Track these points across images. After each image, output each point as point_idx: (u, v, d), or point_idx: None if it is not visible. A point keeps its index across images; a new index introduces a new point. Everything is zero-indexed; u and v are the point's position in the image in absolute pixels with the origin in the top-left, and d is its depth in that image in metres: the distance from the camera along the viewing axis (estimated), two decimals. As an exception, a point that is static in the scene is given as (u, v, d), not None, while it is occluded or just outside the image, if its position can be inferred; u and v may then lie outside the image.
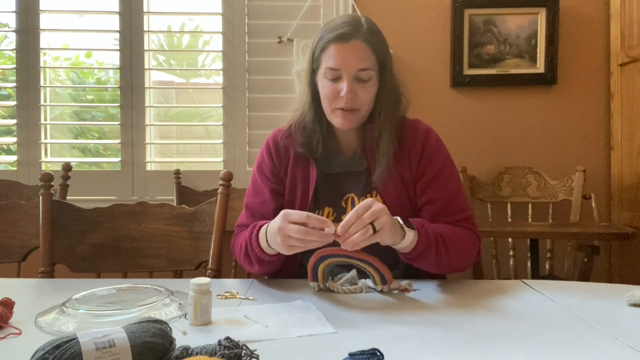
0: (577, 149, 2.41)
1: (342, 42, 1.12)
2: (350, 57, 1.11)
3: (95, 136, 2.64)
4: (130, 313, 0.87)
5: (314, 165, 1.21)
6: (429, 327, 0.85)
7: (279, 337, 0.81)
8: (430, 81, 2.40)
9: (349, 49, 1.11)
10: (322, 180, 1.22)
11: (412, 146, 1.20)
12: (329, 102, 1.16)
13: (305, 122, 1.22)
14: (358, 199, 1.20)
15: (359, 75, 1.13)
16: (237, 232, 1.26)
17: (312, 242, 0.96)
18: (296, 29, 2.36)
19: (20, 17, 2.37)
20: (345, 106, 1.13)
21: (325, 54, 1.14)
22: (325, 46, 1.14)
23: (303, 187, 1.22)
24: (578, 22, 2.39)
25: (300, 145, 1.21)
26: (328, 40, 1.13)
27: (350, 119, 1.15)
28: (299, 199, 1.21)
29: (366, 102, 1.16)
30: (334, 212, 1.20)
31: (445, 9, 2.39)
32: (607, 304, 0.97)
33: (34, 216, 1.59)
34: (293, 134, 1.22)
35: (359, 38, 1.12)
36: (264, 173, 1.26)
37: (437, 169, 1.19)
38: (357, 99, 1.13)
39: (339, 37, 1.12)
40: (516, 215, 2.33)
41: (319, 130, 1.20)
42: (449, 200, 1.17)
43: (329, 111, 1.17)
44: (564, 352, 0.75)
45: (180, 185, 2.33)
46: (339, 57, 1.12)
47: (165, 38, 2.55)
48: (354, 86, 1.12)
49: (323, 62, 1.15)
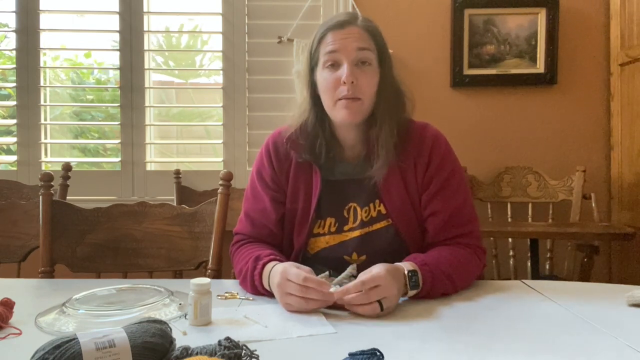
0: (577, 149, 2.41)
1: (340, 28, 1.11)
2: (349, 39, 1.09)
3: (95, 136, 2.64)
4: (130, 313, 0.87)
5: (317, 173, 1.16)
6: (429, 327, 0.85)
7: (279, 337, 0.81)
8: (430, 81, 2.40)
9: (347, 32, 1.10)
10: (325, 189, 1.17)
11: (419, 154, 1.14)
12: (330, 93, 1.11)
13: (307, 127, 1.17)
14: (361, 209, 1.16)
15: (359, 56, 1.09)
16: (236, 241, 1.21)
17: (311, 300, 0.92)
18: (296, 29, 2.36)
19: (20, 17, 2.37)
20: (348, 94, 1.08)
21: (322, 43, 1.12)
22: (323, 35, 1.12)
23: (305, 196, 1.17)
24: (578, 22, 2.39)
25: (304, 152, 1.17)
26: (325, 29, 1.12)
27: (353, 109, 1.10)
28: (301, 209, 1.17)
29: (368, 90, 1.11)
30: (336, 222, 1.16)
31: (445, 9, 2.40)
32: (607, 304, 0.97)
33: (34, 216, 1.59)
34: (296, 139, 1.18)
35: (356, 25, 1.11)
36: (264, 180, 1.20)
37: (444, 179, 1.13)
38: (358, 87, 1.09)
39: (336, 24, 1.11)
40: (516, 215, 2.33)
41: (322, 135, 1.16)
42: (455, 212, 1.12)
43: (330, 105, 1.12)
44: (564, 352, 0.75)
45: (180, 185, 2.33)
46: (337, 40, 1.10)
47: (164, 38, 2.55)
48: (354, 71, 1.09)
49: (321, 52, 1.12)
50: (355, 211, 1.16)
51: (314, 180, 1.17)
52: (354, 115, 1.11)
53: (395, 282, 0.94)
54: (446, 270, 1.02)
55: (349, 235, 1.15)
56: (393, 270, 0.95)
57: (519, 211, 2.33)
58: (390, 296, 0.91)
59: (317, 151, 1.16)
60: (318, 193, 1.15)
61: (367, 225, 1.15)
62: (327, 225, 1.17)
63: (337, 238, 1.16)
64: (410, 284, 0.97)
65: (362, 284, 0.90)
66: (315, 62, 1.15)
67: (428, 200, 1.14)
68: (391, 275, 0.93)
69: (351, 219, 1.16)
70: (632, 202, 2.23)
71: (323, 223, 1.17)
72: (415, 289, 0.98)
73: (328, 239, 1.16)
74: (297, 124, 1.18)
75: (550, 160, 2.41)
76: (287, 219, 1.19)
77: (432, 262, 1.02)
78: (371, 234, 1.14)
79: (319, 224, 1.17)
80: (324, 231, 1.17)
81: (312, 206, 1.16)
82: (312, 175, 1.17)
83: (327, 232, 1.16)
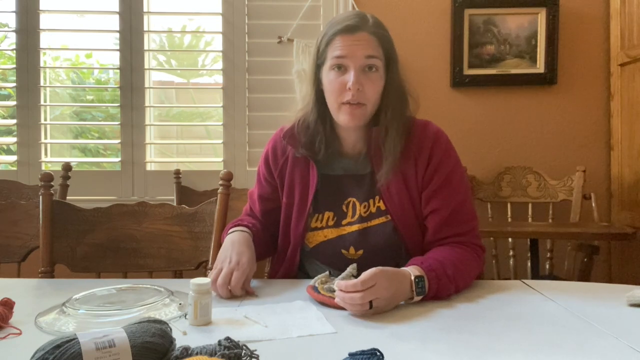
0: (577, 149, 2.41)
1: (349, 33, 1.09)
2: (358, 45, 1.09)
3: (95, 136, 2.64)
4: (130, 313, 0.87)
5: (314, 167, 1.18)
6: (428, 327, 0.85)
7: (279, 337, 0.81)
8: (430, 81, 2.40)
9: (356, 39, 1.09)
10: (323, 183, 1.18)
11: (420, 152, 1.15)
12: (335, 96, 1.12)
13: (308, 122, 1.18)
14: (360, 204, 1.16)
15: (366, 63, 1.10)
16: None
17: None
18: (296, 29, 2.36)
19: (20, 17, 2.37)
20: (352, 99, 1.09)
21: (331, 46, 1.11)
22: (331, 39, 1.11)
23: (302, 190, 1.19)
24: (578, 22, 2.39)
25: (302, 147, 1.18)
26: (334, 32, 1.11)
27: (356, 115, 1.11)
28: (297, 202, 1.19)
29: (372, 96, 1.12)
30: (334, 216, 1.18)
31: (445, 9, 2.40)
32: (607, 304, 0.97)
33: (34, 216, 1.59)
34: (296, 134, 1.19)
35: (366, 30, 1.10)
36: (259, 175, 1.28)
37: (444, 176, 1.14)
38: (363, 93, 1.10)
39: (345, 28, 1.10)
40: (516, 215, 2.33)
41: (322, 131, 1.17)
42: (455, 210, 1.13)
43: (334, 107, 1.14)
44: (564, 352, 0.75)
45: (180, 185, 2.33)
46: (346, 46, 1.09)
47: (167, 38, 2.55)
48: (360, 77, 1.09)
49: (329, 54, 1.12)
50: (354, 206, 1.17)
51: (311, 174, 1.18)
52: (357, 120, 1.12)
53: (391, 285, 0.93)
54: (451, 274, 1.02)
55: (347, 229, 1.16)
56: (392, 274, 0.95)
57: (519, 211, 2.33)
58: (382, 298, 0.91)
59: (316, 147, 1.18)
60: (315, 187, 1.17)
61: (366, 220, 1.16)
62: (325, 219, 1.18)
63: (335, 232, 1.17)
64: (417, 290, 0.97)
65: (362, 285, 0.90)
66: (322, 61, 1.15)
67: (428, 199, 1.14)
68: (387, 277, 0.93)
69: (350, 213, 1.17)
70: (632, 202, 2.23)
71: (321, 217, 1.18)
72: (422, 294, 0.98)
73: (327, 232, 1.18)
74: (298, 119, 1.20)
75: (550, 160, 2.41)
76: (284, 213, 1.22)
77: (438, 268, 1.01)
78: (369, 229, 1.15)
79: (317, 218, 1.18)
80: (322, 225, 1.18)
81: (308, 200, 1.17)
82: (309, 169, 1.19)
83: (326, 226, 1.18)
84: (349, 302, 0.90)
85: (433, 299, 1.00)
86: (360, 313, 0.90)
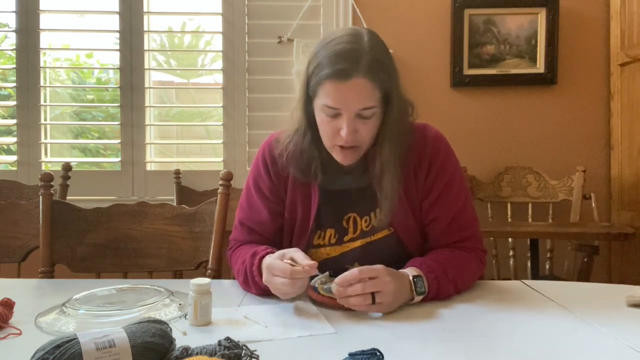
0: (577, 149, 2.41)
1: (341, 80, 0.98)
2: (351, 96, 0.99)
3: (95, 136, 2.64)
4: (130, 313, 0.87)
5: (315, 185, 1.13)
6: (428, 327, 0.85)
7: (279, 337, 0.81)
8: (430, 81, 2.40)
9: (349, 88, 0.98)
10: (324, 199, 1.14)
11: (420, 161, 1.11)
12: (328, 137, 1.06)
13: (302, 148, 1.11)
14: (361, 219, 1.14)
15: (361, 114, 1.01)
16: (232, 246, 1.20)
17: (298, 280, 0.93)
18: (296, 29, 2.36)
19: (20, 17, 2.37)
20: (346, 144, 1.03)
21: (321, 89, 1.01)
22: (322, 81, 1.00)
23: (304, 208, 1.14)
24: (578, 22, 2.40)
25: (299, 172, 1.12)
26: (325, 76, 0.99)
27: (350, 157, 1.07)
28: (300, 220, 1.15)
29: (368, 138, 1.06)
30: (335, 233, 1.14)
31: (445, 9, 2.39)
32: (607, 304, 0.97)
33: (34, 216, 1.59)
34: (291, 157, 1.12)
35: (360, 75, 0.97)
36: (262, 191, 1.17)
37: (444, 184, 1.11)
38: (358, 136, 1.03)
39: (337, 73, 0.98)
40: (516, 215, 2.33)
41: (318, 156, 1.11)
42: (456, 216, 1.11)
43: (328, 145, 1.08)
44: (564, 353, 0.75)
45: (180, 185, 2.33)
46: (338, 96, 0.99)
47: (167, 38, 2.55)
48: (354, 123, 1.02)
49: (320, 96, 1.02)
50: (355, 221, 1.14)
51: (312, 192, 1.14)
52: (351, 160, 1.08)
53: (395, 281, 0.93)
54: (450, 274, 1.02)
55: (349, 245, 1.14)
56: (395, 273, 0.95)
57: (519, 211, 2.33)
58: (385, 291, 0.91)
59: (312, 172, 1.12)
60: (317, 204, 1.13)
61: (368, 235, 1.13)
62: (327, 236, 1.15)
63: (337, 249, 1.15)
64: (417, 289, 0.96)
65: (359, 273, 0.90)
66: (314, 96, 1.06)
67: (429, 207, 1.12)
68: (390, 274, 0.93)
69: (351, 229, 1.14)
70: (632, 202, 2.23)
71: (323, 234, 1.15)
72: (422, 294, 0.97)
73: (329, 250, 1.15)
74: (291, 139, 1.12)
75: (550, 160, 2.41)
76: (286, 228, 1.18)
77: (437, 268, 1.01)
78: (373, 243, 1.13)
79: (319, 235, 1.15)
80: (324, 242, 1.15)
81: (311, 217, 1.14)
82: (310, 186, 1.14)
83: (328, 244, 1.15)
84: (350, 294, 0.90)
85: (433, 300, 1.00)
86: (362, 307, 0.90)
